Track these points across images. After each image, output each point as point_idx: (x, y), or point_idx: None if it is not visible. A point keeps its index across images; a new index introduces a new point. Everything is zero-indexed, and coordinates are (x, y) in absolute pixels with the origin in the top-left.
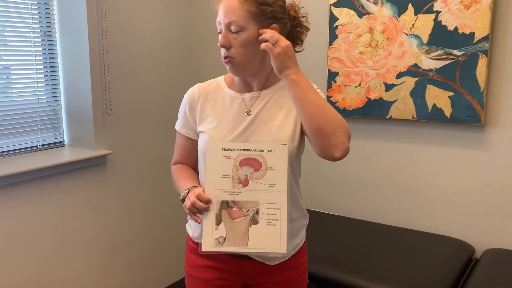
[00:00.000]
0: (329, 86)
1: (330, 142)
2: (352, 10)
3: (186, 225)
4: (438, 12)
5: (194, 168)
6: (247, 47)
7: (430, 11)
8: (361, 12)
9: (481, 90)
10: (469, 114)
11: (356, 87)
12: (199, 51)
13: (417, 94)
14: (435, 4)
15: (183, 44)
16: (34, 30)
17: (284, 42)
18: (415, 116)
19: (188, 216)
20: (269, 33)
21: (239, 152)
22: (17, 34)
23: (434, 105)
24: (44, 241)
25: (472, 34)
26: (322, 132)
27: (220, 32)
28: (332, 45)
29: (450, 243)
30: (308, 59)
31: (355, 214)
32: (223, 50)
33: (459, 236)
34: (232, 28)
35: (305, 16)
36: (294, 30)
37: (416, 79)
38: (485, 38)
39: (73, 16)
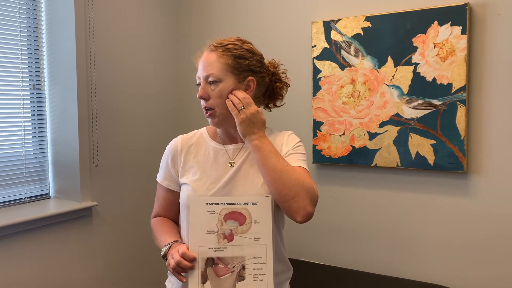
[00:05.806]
0: (315, 135)
1: (291, 206)
2: (334, 63)
3: (166, 282)
4: (416, 64)
5: (175, 220)
6: (224, 98)
7: (409, 63)
8: (343, 65)
9: (462, 138)
10: (452, 162)
11: (340, 135)
12: (187, 103)
13: (400, 143)
14: (413, 57)
15: (171, 97)
16: (24, 84)
17: (250, 110)
18: (399, 164)
19: (168, 272)
20: (238, 97)
21: (223, 206)
22: (6, 88)
23: (418, 153)
24: None
25: (449, 85)
26: (282, 197)
27: (199, 85)
28: (316, 96)
29: None
30: (294, 109)
31: (339, 263)
32: (202, 102)
33: (445, 283)
34: (210, 79)
35: (284, 73)
36: (274, 85)
37: (399, 128)
38: (462, 89)
39: (62, 69)
